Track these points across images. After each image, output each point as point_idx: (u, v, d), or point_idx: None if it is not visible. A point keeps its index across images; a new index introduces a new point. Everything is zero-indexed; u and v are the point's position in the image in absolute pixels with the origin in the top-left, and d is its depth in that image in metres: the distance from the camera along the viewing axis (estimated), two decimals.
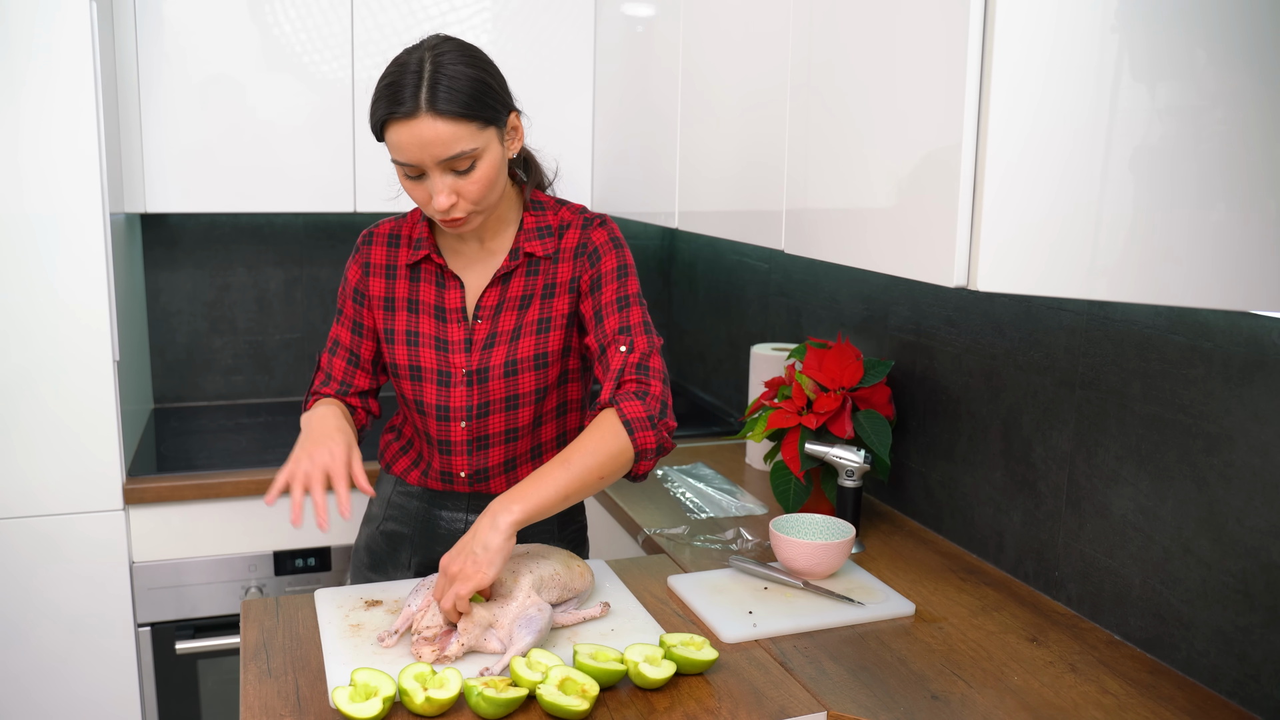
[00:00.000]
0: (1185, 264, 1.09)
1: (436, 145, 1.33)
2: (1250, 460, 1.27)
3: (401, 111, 1.32)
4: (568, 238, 1.51)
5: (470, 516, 1.60)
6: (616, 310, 1.48)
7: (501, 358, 1.50)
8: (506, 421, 1.53)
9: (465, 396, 1.51)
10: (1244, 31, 1.04)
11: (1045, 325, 1.58)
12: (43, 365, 1.98)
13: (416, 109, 1.31)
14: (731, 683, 1.30)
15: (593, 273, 1.50)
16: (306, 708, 1.23)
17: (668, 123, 2.06)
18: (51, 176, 1.93)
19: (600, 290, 1.49)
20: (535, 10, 2.42)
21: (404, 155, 1.35)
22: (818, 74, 1.49)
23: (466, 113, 1.33)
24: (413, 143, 1.33)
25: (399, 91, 1.33)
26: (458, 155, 1.34)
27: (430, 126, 1.32)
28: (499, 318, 1.51)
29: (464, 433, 1.53)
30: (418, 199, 1.40)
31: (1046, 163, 1.12)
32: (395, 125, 1.33)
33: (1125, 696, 1.31)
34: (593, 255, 1.50)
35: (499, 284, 1.51)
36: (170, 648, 2.14)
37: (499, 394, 1.51)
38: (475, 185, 1.37)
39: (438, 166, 1.35)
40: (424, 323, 1.52)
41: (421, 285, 1.53)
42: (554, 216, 1.53)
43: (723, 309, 2.72)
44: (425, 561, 1.63)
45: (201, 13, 2.22)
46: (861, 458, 1.73)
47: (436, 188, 1.36)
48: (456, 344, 1.51)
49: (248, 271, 2.72)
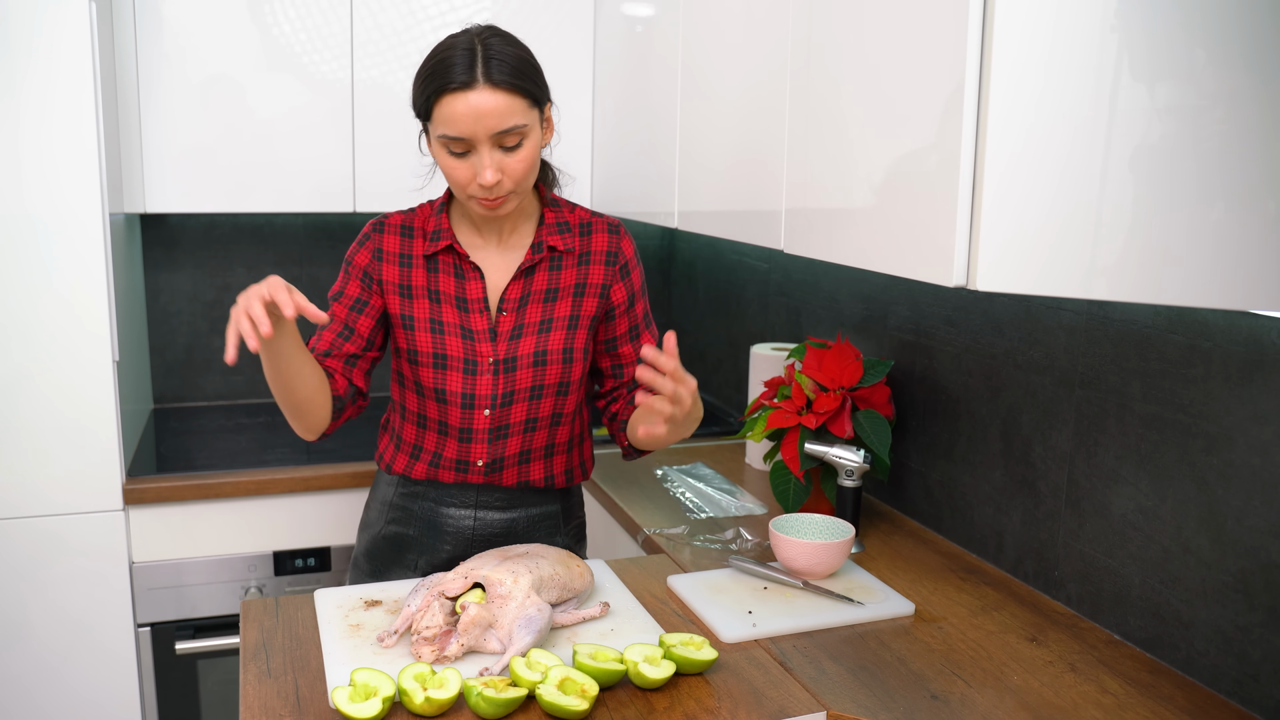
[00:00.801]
0: (1185, 263, 1.09)
1: (492, 117, 1.36)
2: (1250, 460, 1.27)
3: (457, 83, 1.35)
4: (596, 240, 1.57)
5: (479, 513, 1.61)
6: (645, 327, 1.63)
7: (530, 348, 1.53)
8: (528, 411, 1.56)
9: (491, 385, 1.53)
10: (1243, 31, 1.04)
11: (1045, 325, 1.58)
12: (42, 365, 1.98)
13: (473, 80, 1.35)
14: (731, 683, 1.30)
15: (626, 285, 1.59)
16: (306, 708, 1.23)
17: (667, 122, 2.06)
18: (51, 176, 1.93)
19: (634, 307, 1.61)
20: (534, 10, 2.42)
21: (456, 128, 1.37)
22: (817, 74, 1.49)
23: (521, 85, 1.38)
24: (468, 114, 1.36)
25: (452, 66, 1.36)
26: (511, 129, 1.38)
27: (488, 97, 1.35)
28: (524, 310, 1.54)
29: (486, 420, 1.55)
30: (459, 178, 1.42)
31: (1046, 162, 1.12)
32: (449, 97, 1.36)
33: (1125, 696, 1.31)
34: (624, 269, 1.59)
35: (522, 277, 1.54)
36: (170, 648, 2.14)
37: (525, 383, 1.54)
38: (520, 164, 1.41)
39: (488, 140, 1.38)
40: (447, 312, 1.53)
41: (440, 276, 1.54)
42: (570, 215, 1.58)
43: (722, 309, 2.72)
44: (433, 562, 1.63)
45: (201, 13, 2.22)
46: (861, 457, 1.73)
47: (484, 163, 1.39)
48: (481, 333, 1.53)
49: (247, 271, 2.72)
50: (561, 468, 1.64)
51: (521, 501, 1.63)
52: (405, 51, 2.36)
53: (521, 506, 1.63)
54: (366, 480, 2.22)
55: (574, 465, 1.66)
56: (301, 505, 2.21)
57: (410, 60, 2.36)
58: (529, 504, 1.64)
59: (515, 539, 1.64)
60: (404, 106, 2.38)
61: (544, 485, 1.63)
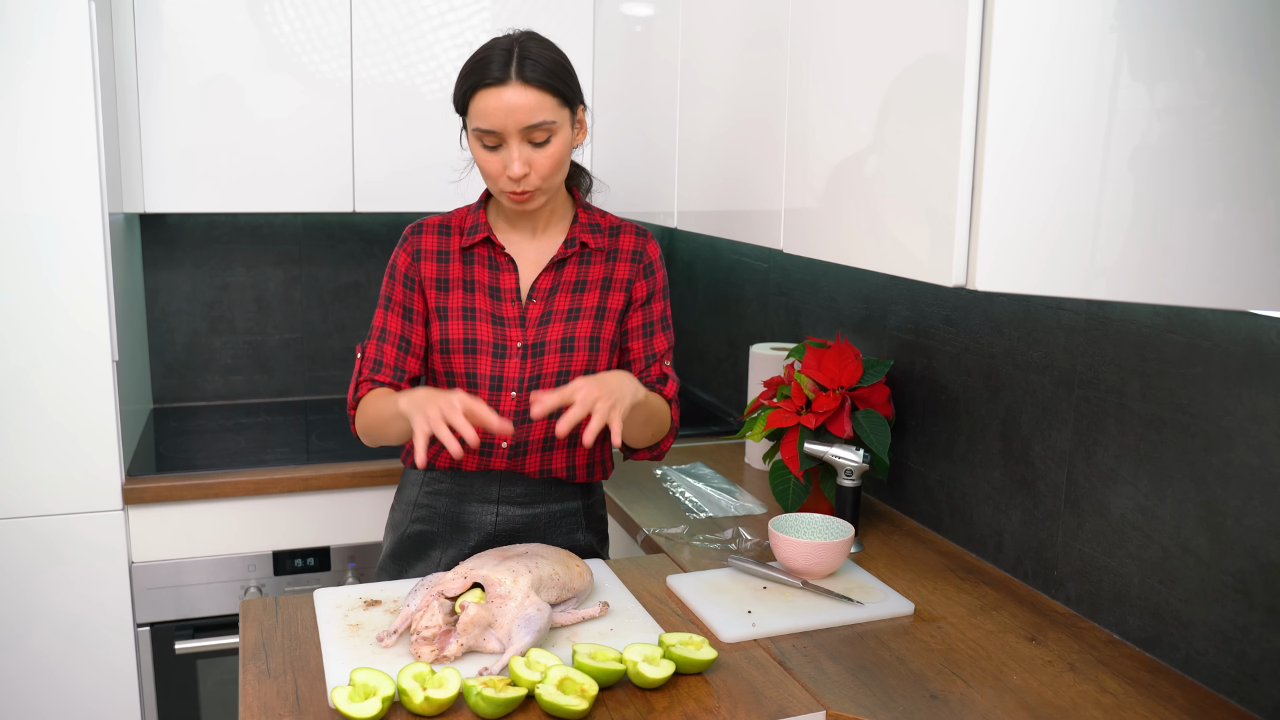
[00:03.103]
0: (1184, 263, 1.09)
1: (521, 112, 1.45)
2: (1249, 459, 1.27)
3: (491, 79, 1.45)
4: (624, 240, 1.65)
5: (501, 509, 1.64)
6: (661, 329, 1.67)
7: (559, 334, 1.59)
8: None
9: (519, 369, 1.58)
10: (1243, 31, 1.04)
11: (1044, 324, 1.58)
12: (42, 365, 1.98)
13: (506, 77, 1.45)
14: (730, 682, 1.30)
15: (648, 284, 1.65)
16: (305, 707, 1.23)
17: (666, 122, 2.06)
18: (50, 176, 1.93)
19: (651, 304, 1.66)
20: (534, 10, 2.42)
21: (488, 121, 1.46)
22: (816, 73, 1.49)
23: (550, 84, 1.46)
24: (499, 109, 1.45)
25: (489, 64, 1.46)
26: (539, 124, 1.46)
27: (518, 93, 1.45)
28: (553, 298, 1.60)
29: (513, 403, 1.59)
30: (491, 170, 1.50)
31: (1045, 162, 1.12)
32: (484, 92, 1.46)
33: (1124, 695, 1.31)
34: (648, 268, 1.66)
35: (553, 269, 1.60)
36: (170, 648, 2.14)
37: (552, 368, 1.58)
38: (548, 160, 1.49)
39: (518, 134, 1.46)
40: (479, 299, 1.60)
41: (475, 267, 1.61)
42: (601, 219, 1.66)
43: (722, 308, 2.72)
44: (459, 555, 1.66)
45: (200, 13, 2.22)
46: (860, 457, 1.73)
47: (513, 155, 1.47)
48: (512, 319, 1.59)
49: (247, 271, 2.72)
50: (583, 459, 1.66)
51: (544, 497, 1.65)
52: (405, 51, 2.36)
53: (543, 502, 1.65)
54: (366, 480, 2.22)
55: (595, 460, 1.68)
56: (301, 505, 2.21)
57: (410, 60, 2.37)
58: (550, 499, 1.66)
59: (537, 536, 1.65)
60: (404, 106, 2.39)
61: (566, 477, 1.65)
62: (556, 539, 1.67)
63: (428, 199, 2.40)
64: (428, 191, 2.40)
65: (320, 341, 2.81)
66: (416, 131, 2.40)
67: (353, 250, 2.80)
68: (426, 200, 2.40)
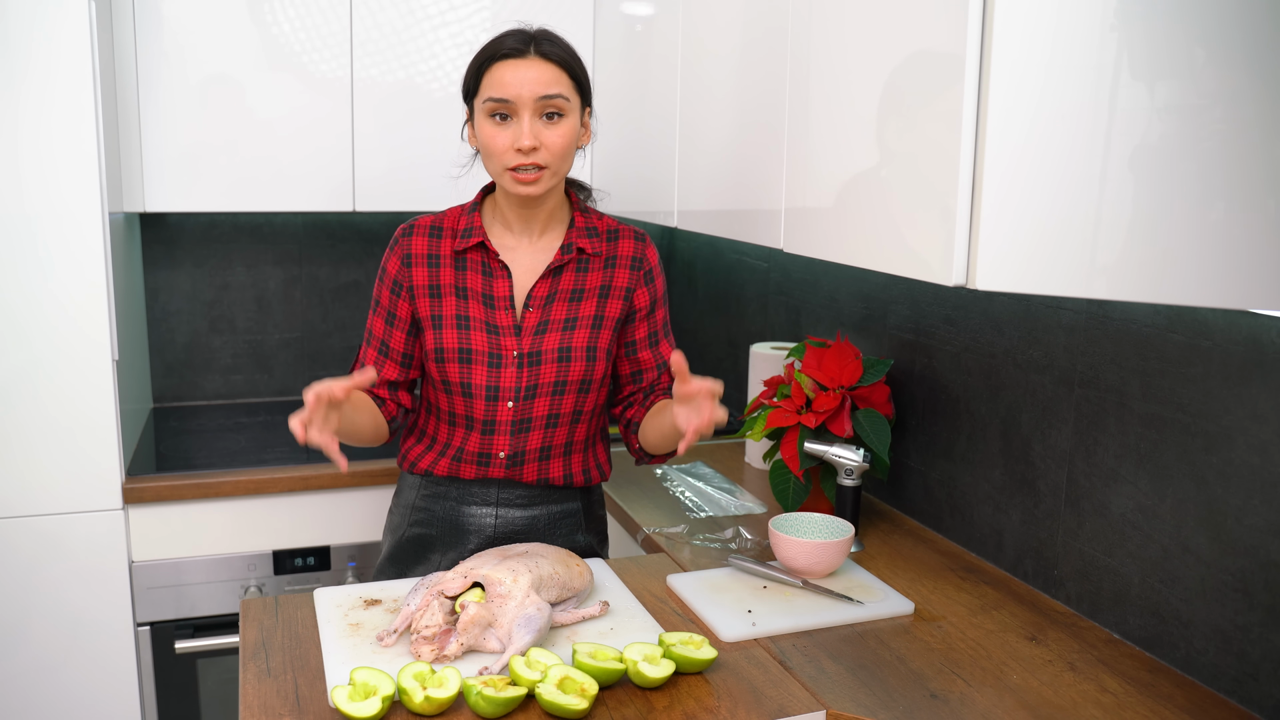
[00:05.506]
0: (1184, 263, 1.09)
1: (539, 83, 1.46)
2: (1249, 459, 1.27)
3: (510, 50, 1.48)
4: (623, 246, 1.63)
5: (500, 511, 1.63)
6: (664, 336, 1.68)
7: (555, 343, 1.57)
8: (551, 406, 1.58)
9: (515, 378, 1.56)
10: (1243, 31, 1.04)
11: (1044, 324, 1.58)
12: (42, 365, 1.98)
13: (526, 50, 1.48)
14: (730, 682, 1.30)
15: (649, 290, 1.64)
16: (306, 707, 1.23)
17: (666, 121, 2.06)
18: (50, 176, 1.93)
19: (654, 313, 1.66)
20: (534, 10, 2.42)
21: (503, 90, 1.47)
22: (817, 72, 1.49)
23: (568, 64, 1.49)
24: (515, 78, 1.46)
25: (506, 40, 1.49)
26: (554, 95, 1.47)
27: (536, 65, 1.47)
28: (550, 307, 1.58)
29: (510, 413, 1.57)
30: (499, 145, 1.48)
31: (1046, 161, 1.12)
32: (501, 64, 1.48)
33: (1124, 695, 1.31)
34: (648, 275, 1.64)
35: (550, 276, 1.58)
36: (170, 647, 2.14)
37: (549, 377, 1.57)
38: (558, 138, 1.49)
39: (531, 105, 1.47)
40: (473, 308, 1.57)
41: (468, 274, 1.59)
42: (599, 222, 1.64)
43: (722, 308, 2.72)
44: (458, 558, 1.65)
45: (200, 12, 2.22)
46: (860, 456, 1.73)
47: (524, 127, 1.47)
48: (507, 328, 1.57)
49: (247, 271, 2.72)
50: (579, 466, 1.66)
51: (543, 499, 1.65)
52: (405, 51, 2.36)
53: (543, 504, 1.65)
54: (366, 480, 2.22)
55: (591, 466, 1.68)
56: (301, 504, 2.21)
57: (410, 59, 2.37)
58: (550, 501, 1.66)
59: (537, 537, 1.65)
60: (403, 106, 2.39)
61: (563, 484, 1.65)
62: (556, 540, 1.67)
63: (428, 198, 2.40)
64: (428, 191, 2.40)
65: (320, 341, 2.81)
66: (416, 131, 2.40)
67: (353, 249, 2.80)
68: (426, 200, 2.40)
